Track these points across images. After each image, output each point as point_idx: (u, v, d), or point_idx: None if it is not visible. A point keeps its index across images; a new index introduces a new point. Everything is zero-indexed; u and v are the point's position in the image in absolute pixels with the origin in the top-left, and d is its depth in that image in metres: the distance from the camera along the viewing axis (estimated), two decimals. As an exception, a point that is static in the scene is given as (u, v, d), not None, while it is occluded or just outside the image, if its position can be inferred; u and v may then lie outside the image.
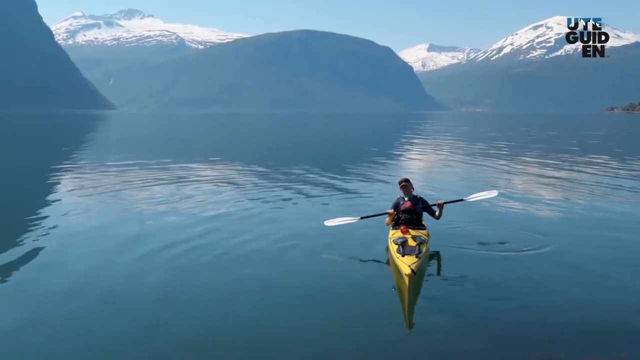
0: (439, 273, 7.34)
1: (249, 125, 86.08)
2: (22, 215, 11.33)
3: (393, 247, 7.32)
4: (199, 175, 17.67)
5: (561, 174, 18.71)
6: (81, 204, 12.56)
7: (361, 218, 8.91)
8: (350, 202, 12.69)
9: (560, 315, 5.68)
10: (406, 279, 6.18)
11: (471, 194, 9.37)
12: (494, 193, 9.43)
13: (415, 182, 9.09)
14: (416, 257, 6.73)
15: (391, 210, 8.44)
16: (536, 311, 5.83)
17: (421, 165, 22.82)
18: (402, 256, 6.78)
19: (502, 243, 8.59)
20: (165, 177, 17.10)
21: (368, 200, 13.06)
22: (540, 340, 5.13)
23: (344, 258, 7.98)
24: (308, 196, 13.67)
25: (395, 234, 7.88)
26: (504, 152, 28.12)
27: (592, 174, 18.17)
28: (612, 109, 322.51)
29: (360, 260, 7.88)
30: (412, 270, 6.16)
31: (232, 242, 8.79)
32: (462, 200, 9.13)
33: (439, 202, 8.56)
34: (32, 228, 9.95)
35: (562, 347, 4.99)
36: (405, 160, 25.73)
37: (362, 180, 16.62)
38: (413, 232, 7.77)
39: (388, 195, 13.02)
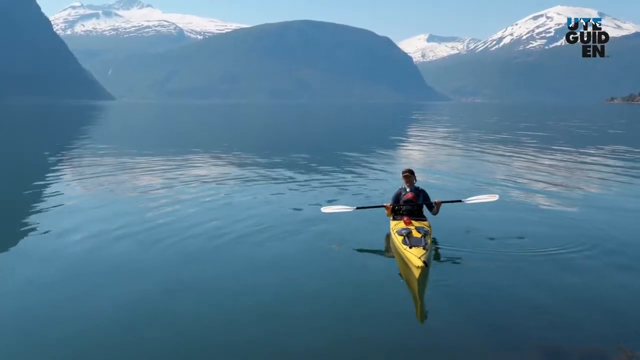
0: (441, 264, 7.25)
1: (249, 116, 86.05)
2: (22, 206, 11.33)
3: (398, 238, 7.22)
4: (199, 165, 17.81)
5: (568, 169, 18.55)
6: (80, 194, 12.60)
7: (357, 208, 9.00)
8: (348, 191, 12.71)
9: (565, 309, 5.71)
10: (417, 272, 6.11)
11: (471, 195, 9.28)
12: (495, 197, 9.14)
13: (416, 174, 8.92)
14: (423, 248, 6.64)
15: (387, 204, 8.46)
16: (537, 302, 5.88)
17: (422, 157, 22.86)
18: (410, 248, 6.68)
19: (503, 235, 8.58)
20: (166, 167, 17.23)
21: (366, 190, 12.98)
22: (544, 332, 5.18)
23: (345, 246, 7.99)
24: (307, 185, 13.75)
25: (397, 225, 7.80)
26: (509, 146, 27.74)
27: (598, 170, 17.74)
28: (612, 99, 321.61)
29: (361, 250, 7.84)
30: (424, 262, 6.11)
31: (231, 229, 8.79)
32: (460, 201, 8.99)
33: (437, 200, 8.44)
34: (32, 218, 9.97)
35: (566, 339, 5.06)
36: (406, 151, 25.84)
37: (361, 171, 16.71)
38: (416, 223, 7.69)
39: (386, 187, 13.08)
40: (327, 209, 9.03)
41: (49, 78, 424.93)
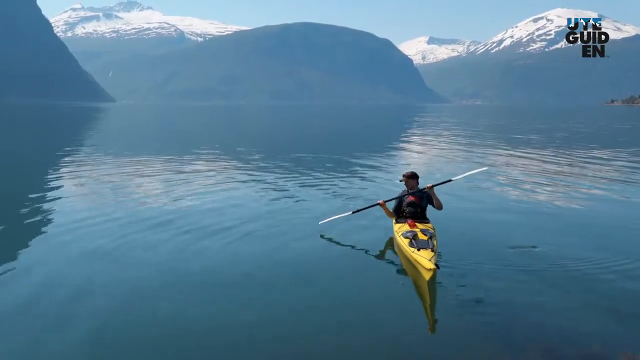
0: (446, 267, 7.07)
1: (249, 118, 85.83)
2: (21, 206, 11.07)
3: (404, 241, 7.15)
4: (196, 168, 17.58)
5: (568, 167, 18.40)
6: (80, 195, 12.47)
7: (353, 212, 8.91)
8: (346, 196, 12.46)
9: (568, 312, 5.71)
10: (428, 274, 6.09)
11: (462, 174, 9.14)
12: (484, 168, 9.16)
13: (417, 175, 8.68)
14: (432, 250, 6.59)
15: (381, 201, 8.43)
16: (543, 304, 5.87)
17: (423, 160, 22.64)
18: (418, 250, 6.62)
19: (507, 237, 8.55)
20: (164, 168, 17.12)
21: (365, 193, 12.77)
22: (549, 335, 5.19)
23: (347, 249, 7.95)
24: (307, 187, 13.58)
25: (402, 228, 7.72)
26: (518, 148, 27.35)
27: (611, 175, 16.77)
28: (612, 101, 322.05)
29: (364, 252, 7.83)
30: (435, 264, 6.09)
31: (231, 231, 8.74)
32: (450, 180, 8.64)
33: (428, 185, 8.25)
34: (31, 217, 9.94)
35: (571, 342, 5.08)
36: (406, 154, 25.60)
37: (360, 174, 16.53)
38: (421, 226, 7.64)
39: (386, 189, 12.99)
40: (324, 221, 8.92)
41: (49, 79, 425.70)
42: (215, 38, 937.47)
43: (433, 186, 8.23)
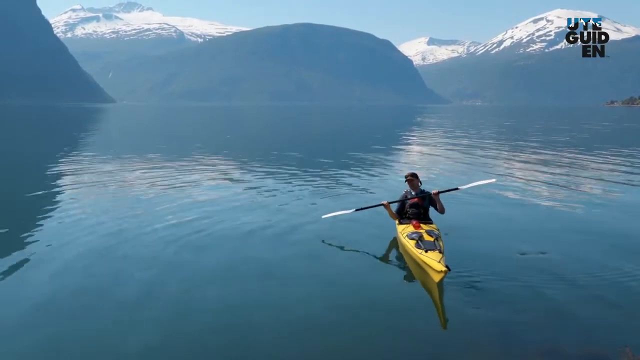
0: (451, 267, 6.62)
1: (250, 118, 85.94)
2: (22, 206, 11.27)
3: (410, 243, 7.06)
4: (198, 168, 17.65)
5: (566, 167, 18.50)
6: (80, 196, 12.40)
7: (356, 210, 8.93)
8: (349, 194, 12.63)
9: (572, 312, 5.73)
10: (439, 276, 6.02)
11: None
12: (492, 180, 9.23)
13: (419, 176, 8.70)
14: (439, 252, 6.50)
15: (385, 202, 8.37)
16: (547, 304, 5.90)
17: (424, 158, 22.59)
18: (425, 252, 6.51)
19: (509, 240, 8.53)
20: (166, 169, 17.07)
21: (367, 192, 12.97)
22: (546, 333, 5.24)
23: (350, 251, 7.89)
24: (308, 187, 13.59)
25: (406, 229, 7.65)
26: (520, 150, 27.47)
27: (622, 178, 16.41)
28: (612, 102, 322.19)
29: (366, 254, 7.75)
30: (446, 266, 5.98)
31: (233, 235, 8.66)
32: (457, 189, 8.54)
33: (434, 191, 8.19)
34: (31, 218, 10.00)
35: (573, 341, 5.12)
36: (407, 153, 25.68)
37: (361, 173, 16.62)
38: (425, 227, 7.58)
39: (387, 187, 13.25)
40: (327, 216, 9.00)
41: (49, 80, 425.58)
42: (215, 39, 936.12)
43: (439, 193, 8.17)
